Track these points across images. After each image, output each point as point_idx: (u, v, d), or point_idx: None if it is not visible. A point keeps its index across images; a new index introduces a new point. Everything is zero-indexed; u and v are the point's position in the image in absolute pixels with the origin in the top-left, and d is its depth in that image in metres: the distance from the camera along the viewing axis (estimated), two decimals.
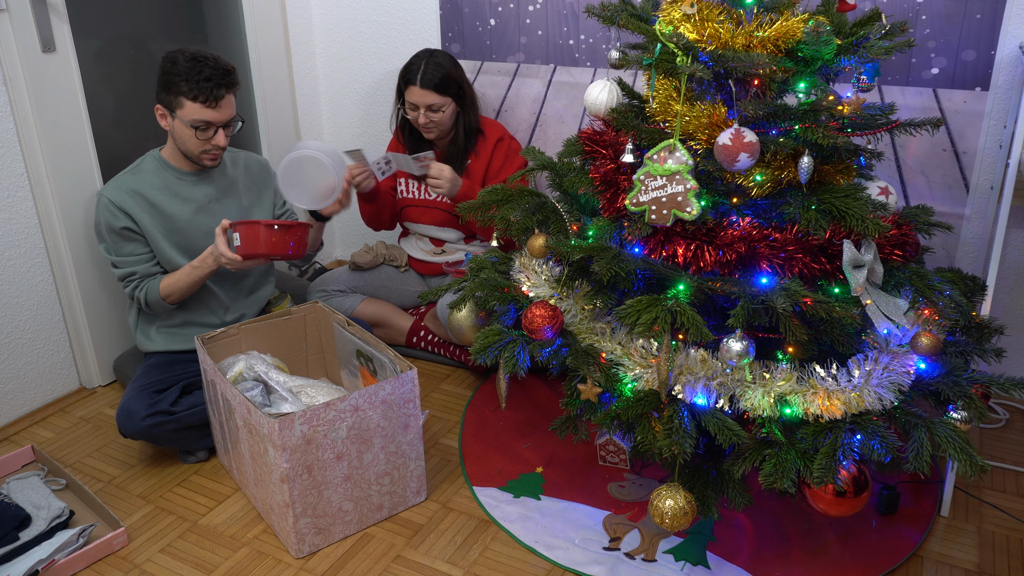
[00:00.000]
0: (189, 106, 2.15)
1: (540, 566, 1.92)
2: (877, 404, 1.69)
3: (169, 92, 2.16)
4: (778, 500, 2.06)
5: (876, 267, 1.73)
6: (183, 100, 2.15)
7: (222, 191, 2.37)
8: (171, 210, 2.28)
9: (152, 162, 2.30)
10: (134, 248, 2.26)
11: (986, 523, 2.02)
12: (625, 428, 1.81)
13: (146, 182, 2.27)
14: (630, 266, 1.75)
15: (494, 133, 2.74)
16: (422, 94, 2.57)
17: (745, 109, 1.69)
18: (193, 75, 2.13)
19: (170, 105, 2.18)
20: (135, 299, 2.29)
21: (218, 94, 2.16)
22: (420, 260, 2.90)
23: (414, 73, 2.59)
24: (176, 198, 2.29)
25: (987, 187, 2.37)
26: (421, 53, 2.63)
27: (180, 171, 2.31)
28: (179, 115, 2.17)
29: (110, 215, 2.22)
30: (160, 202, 2.27)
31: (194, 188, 2.32)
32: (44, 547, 1.90)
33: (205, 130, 2.19)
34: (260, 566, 1.93)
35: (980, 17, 2.24)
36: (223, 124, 2.21)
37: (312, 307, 2.38)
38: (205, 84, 2.13)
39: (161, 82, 2.18)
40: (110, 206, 2.21)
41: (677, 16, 1.76)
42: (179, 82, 2.13)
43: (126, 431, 2.15)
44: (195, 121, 2.17)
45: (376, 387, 1.92)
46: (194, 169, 2.32)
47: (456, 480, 2.20)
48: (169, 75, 2.15)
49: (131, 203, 2.23)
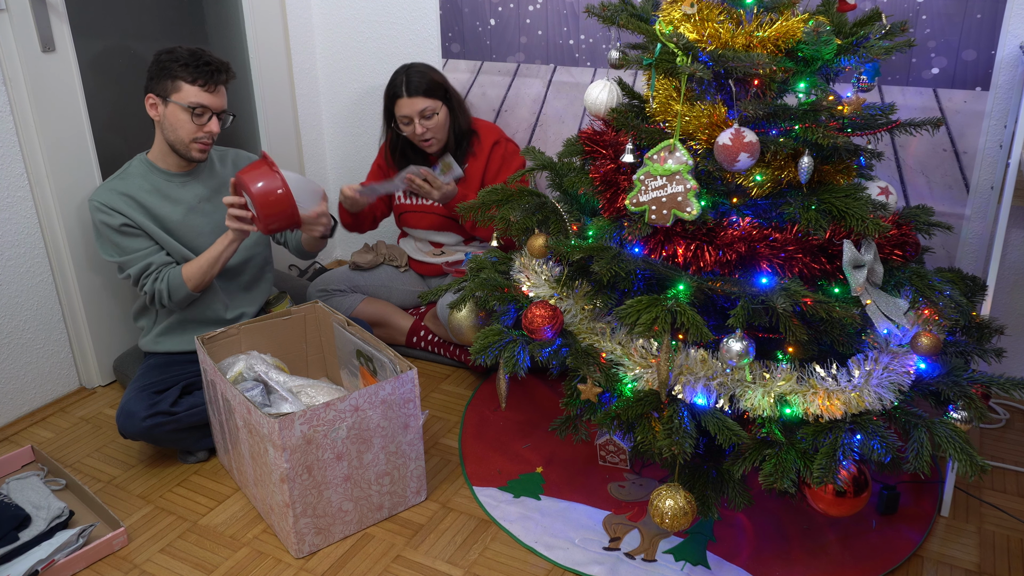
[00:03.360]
0: (187, 89, 2.18)
1: (540, 566, 1.92)
2: (877, 404, 1.69)
3: (165, 78, 2.19)
4: (778, 500, 2.06)
5: (876, 267, 1.73)
6: (181, 84, 2.18)
7: (212, 190, 2.37)
8: (162, 212, 2.28)
9: (139, 165, 2.30)
10: (139, 243, 2.26)
11: (986, 523, 2.02)
12: (625, 428, 1.81)
13: (135, 186, 2.27)
14: (630, 266, 1.75)
15: (490, 136, 2.72)
16: (412, 102, 2.56)
17: (745, 109, 1.69)
18: (192, 61, 2.18)
19: (165, 91, 2.19)
20: (154, 293, 2.25)
21: (218, 78, 2.22)
22: (420, 261, 2.91)
23: (399, 86, 2.58)
24: (166, 200, 2.29)
25: (987, 187, 2.37)
26: (399, 69, 2.62)
27: (168, 173, 2.31)
28: (175, 99, 2.19)
29: (104, 215, 2.21)
30: (151, 204, 2.26)
31: (183, 189, 2.32)
32: (44, 547, 1.90)
33: (201, 115, 2.21)
34: (260, 566, 1.93)
35: (980, 17, 2.24)
36: (217, 112, 2.24)
37: (312, 307, 2.38)
38: (205, 68, 2.19)
39: (155, 70, 2.20)
40: (102, 207, 2.21)
41: (677, 16, 1.76)
42: (177, 68, 2.17)
43: (126, 432, 2.15)
44: (193, 103, 2.19)
45: (376, 387, 1.92)
46: (182, 169, 2.32)
47: (456, 480, 2.20)
48: (165, 63, 2.18)
49: (122, 204, 2.23)
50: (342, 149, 3.42)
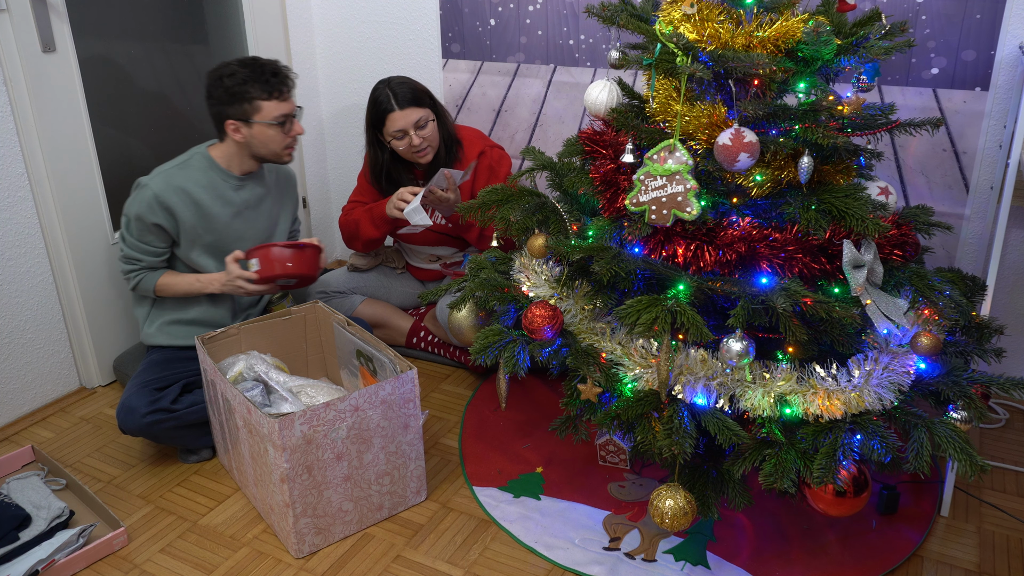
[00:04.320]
0: (268, 106, 2.21)
1: (540, 566, 1.92)
2: (877, 404, 1.69)
3: (240, 102, 2.20)
4: (778, 500, 2.06)
5: (876, 267, 1.73)
6: (259, 103, 2.20)
7: (258, 198, 2.40)
8: (213, 211, 2.30)
9: (200, 160, 2.31)
10: (154, 241, 2.27)
11: (986, 523, 2.02)
12: (625, 428, 1.81)
13: (192, 179, 2.28)
14: (630, 266, 1.75)
15: (474, 146, 2.66)
16: (405, 114, 2.50)
17: (745, 109, 1.69)
18: (258, 75, 2.20)
19: (245, 114, 2.21)
20: (127, 278, 2.33)
21: (288, 84, 2.26)
22: (418, 267, 2.90)
23: (386, 101, 2.51)
24: (219, 200, 2.31)
25: (987, 187, 2.37)
26: (378, 85, 2.55)
27: (227, 173, 2.32)
28: (258, 119, 2.22)
29: (149, 210, 2.22)
30: (204, 201, 2.28)
31: (236, 192, 2.34)
32: (44, 547, 1.90)
33: (285, 123, 2.25)
34: (260, 566, 1.93)
35: (980, 17, 2.24)
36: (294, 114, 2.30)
37: (312, 307, 2.38)
38: (274, 79, 2.22)
39: (224, 96, 2.20)
40: (153, 203, 2.22)
41: (677, 16, 1.76)
42: (249, 88, 2.19)
43: (126, 427, 2.15)
44: (277, 117, 2.23)
45: (376, 387, 1.92)
46: (242, 173, 2.34)
47: (456, 480, 2.20)
48: (233, 88, 2.19)
49: (176, 200, 2.24)
50: (342, 149, 3.42)
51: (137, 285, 2.33)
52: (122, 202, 2.37)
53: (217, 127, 2.28)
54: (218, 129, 2.28)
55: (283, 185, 2.53)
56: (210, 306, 2.39)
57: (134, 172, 2.69)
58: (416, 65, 3.08)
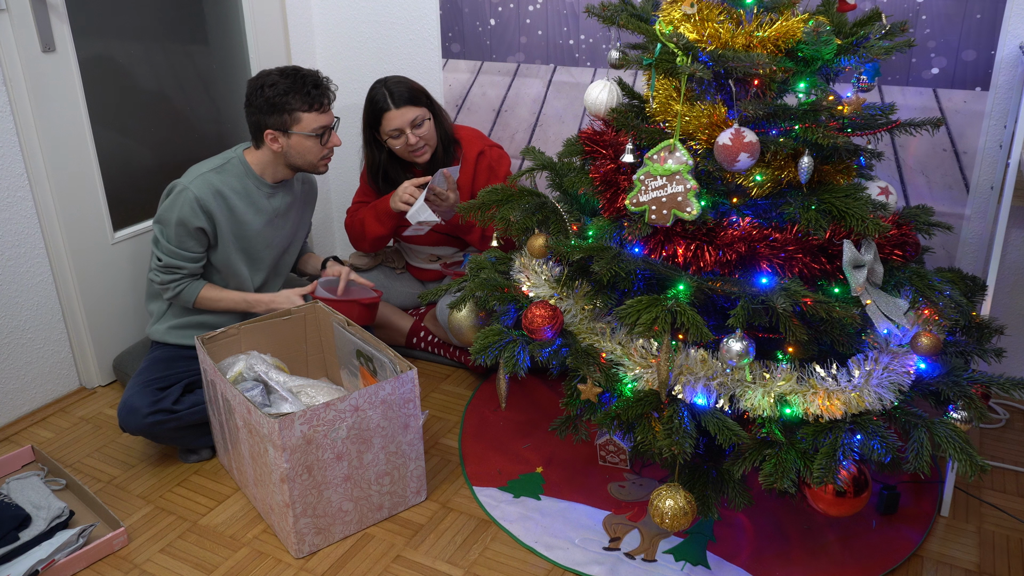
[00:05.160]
0: (307, 117, 2.22)
1: (540, 566, 1.92)
2: (877, 404, 1.69)
3: (280, 113, 2.21)
4: (778, 500, 2.06)
5: (876, 267, 1.73)
6: (300, 115, 2.21)
7: (287, 206, 2.42)
8: (246, 217, 2.31)
9: (238, 165, 2.31)
10: (194, 246, 2.27)
11: (986, 523, 2.02)
12: (625, 428, 1.81)
13: (229, 184, 2.28)
14: (630, 266, 1.75)
15: (473, 146, 2.66)
16: (402, 113, 2.50)
17: (745, 109, 1.69)
18: (300, 88, 2.21)
19: (284, 125, 2.22)
20: (166, 288, 2.29)
21: (328, 96, 2.27)
22: (418, 267, 2.90)
23: (382, 100, 2.51)
24: (252, 207, 2.32)
25: (987, 187, 2.37)
26: (375, 85, 2.55)
27: (262, 181, 2.33)
28: (297, 131, 2.23)
29: (191, 213, 2.21)
30: (238, 207, 2.29)
31: (268, 201, 2.35)
32: (44, 547, 1.90)
33: (324, 135, 2.27)
34: (260, 566, 1.93)
35: (980, 17, 2.24)
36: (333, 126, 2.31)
37: (312, 307, 2.38)
38: (315, 91, 2.23)
39: (264, 107, 2.21)
40: (195, 205, 2.21)
41: (677, 16, 1.76)
42: (289, 99, 2.19)
43: (127, 427, 2.15)
44: (317, 129, 2.24)
45: (376, 387, 1.92)
46: (276, 181, 2.35)
47: (456, 480, 2.20)
48: (273, 98, 2.19)
49: (214, 204, 2.24)
50: (342, 149, 3.41)
51: (178, 295, 2.29)
52: (122, 202, 2.38)
53: (254, 135, 2.28)
54: (255, 137, 2.29)
55: (308, 193, 2.55)
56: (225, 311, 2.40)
57: (134, 172, 2.69)
58: (416, 65, 3.08)
